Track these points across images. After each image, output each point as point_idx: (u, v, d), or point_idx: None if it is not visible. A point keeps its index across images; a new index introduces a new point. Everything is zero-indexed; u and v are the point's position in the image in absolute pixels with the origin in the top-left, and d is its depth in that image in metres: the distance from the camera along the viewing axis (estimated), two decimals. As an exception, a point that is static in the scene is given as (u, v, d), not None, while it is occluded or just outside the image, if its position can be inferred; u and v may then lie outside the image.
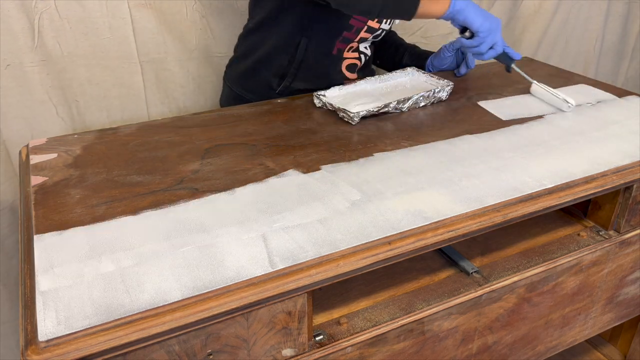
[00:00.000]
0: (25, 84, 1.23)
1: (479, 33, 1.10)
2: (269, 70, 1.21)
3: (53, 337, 0.57)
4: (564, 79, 1.31)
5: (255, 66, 1.22)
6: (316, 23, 1.16)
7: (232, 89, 1.28)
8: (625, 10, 1.97)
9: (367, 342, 0.80)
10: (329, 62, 1.23)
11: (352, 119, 1.05)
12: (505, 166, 0.91)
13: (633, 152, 0.96)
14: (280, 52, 1.19)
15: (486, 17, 1.09)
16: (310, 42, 1.17)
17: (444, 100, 1.18)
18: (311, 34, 1.17)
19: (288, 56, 1.19)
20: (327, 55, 1.21)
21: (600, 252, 0.99)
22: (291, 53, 1.18)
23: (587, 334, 1.11)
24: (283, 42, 1.18)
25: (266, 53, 1.20)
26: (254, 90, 1.24)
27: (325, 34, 1.18)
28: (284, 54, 1.19)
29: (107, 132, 1.02)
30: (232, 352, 0.68)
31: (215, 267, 0.67)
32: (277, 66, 1.21)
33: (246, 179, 0.86)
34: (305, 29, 1.16)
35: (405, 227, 0.75)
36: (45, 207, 0.78)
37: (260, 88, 1.23)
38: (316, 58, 1.20)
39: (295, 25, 1.16)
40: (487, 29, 1.09)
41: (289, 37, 1.18)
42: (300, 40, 1.17)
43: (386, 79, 1.23)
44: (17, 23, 1.17)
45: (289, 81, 1.21)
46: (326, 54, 1.21)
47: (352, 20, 1.17)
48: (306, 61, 1.19)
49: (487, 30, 1.09)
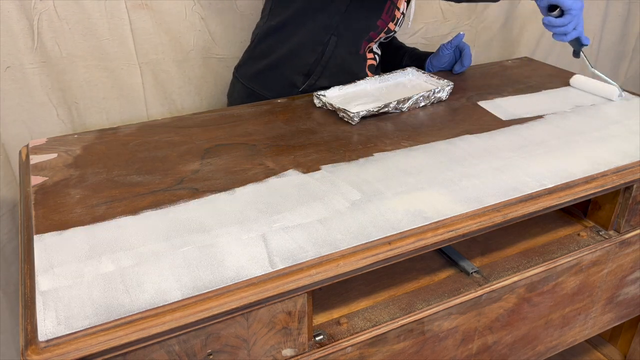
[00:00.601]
0: (25, 86, 1.23)
1: (571, 11, 1.07)
2: (292, 68, 1.21)
3: (53, 337, 0.57)
4: (563, 79, 1.31)
5: (277, 63, 1.21)
6: (346, 22, 1.16)
7: (247, 87, 1.26)
8: (625, 11, 1.97)
9: (367, 342, 0.80)
10: (355, 61, 1.23)
11: (352, 119, 1.05)
12: (505, 166, 0.91)
13: (633, 152, 0.96)
14: (307, 50, 1.19)
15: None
16: (339, 41, 1.18)
17: (444, 100, 1.18)
18: (341, 33, 1.17)
19: (315, 54, 1.19)
20: (354, 54, 1.22)
21: (600, 252, 0.99)
22: (319, 51, 1.18)
23: (587, 334, 1.11)
24: (311, 40, 1.18)
25: (290, 51, 1.19)
26: (273, 88, 1.23)
27: (354, 33, 1.18)
28: (310, 52, 1.19)
29: (107, 132, 1.02)
30: (232, 352, 0.68)
31: (215, 267, 0.67)
32: (302, 64, 1.20)
33: (246, 179, 0.86)
34: (334, 27, 1.16)
35: (405, 227, 0.75)
36: (45, 207, 0.78)
37: (281, 86, 1.22)
38: (343, 57, 1.20)
39: (324, 24, 1.16)
40: (579, 7, 1.07)
41: (317, 35, 1.17)
42: (330, 39, 1.17)
43: (386, 79, 1.23)
44: (16, 24, 1.17)
45: (315, 79, 1.21)
46: (353, 53, 1.21)
47: (379, 20, 1.18)
48: (334, 60, 1.19)
49: (579, 9, 1.07)
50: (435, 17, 1.67)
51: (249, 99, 1.23)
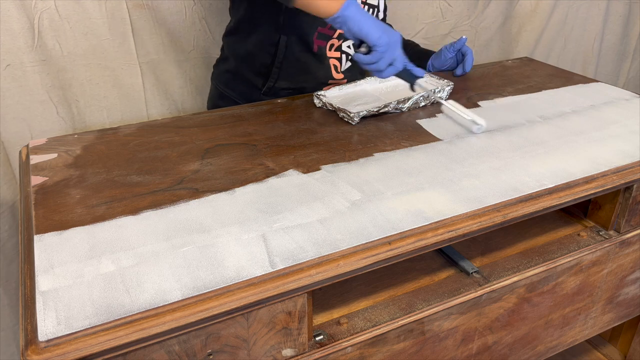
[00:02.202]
0: (25, 84, 1.23)
1: (376, 47, 0.97)
2: (251, 70, 1.20)
3: (53, 337, 0.57)
4: (563, 79, 1.31)
5: (238, 66, 1.21)
6: (291, 19, 1.14)
7: (217, 88, 1.27)
8: (626, 11, 1.97)
9: (367, 342, 0.80)
10: (311, 60, 1.21)
11: (352, 119, 1.05)
12: (505, 166, 0.91)
13: (633, 152, 0.96)
14: (261, 51, 1.18)
15: (384, 29, 0.97)
16: (289, 40, 1.16)
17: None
18: (289, 31, 1.15)
19: (270, 55, 1.17)
20: (308, 53, 1.19)
21: (600, 252, 0.99)
22: (272, 52, 1.17)
23: (587, 334, 1.11)
24: (262, 41, 1.17)
25: (247, 52, 1.19)
26: (238, 90, 1.23)
27: (301, 31, 1.16)
28: (265, 53, 1.18)
29: (107, 132, 1.02)
30: (232, 352, 0.68)
31: (215, 267, 0.67)
32: (260, 65, 1.19)
33: (246, 179, 0.86)
34: (282, 26, 1.14)
35: (405, 227, 0.75)
36: (45, 207, 0.78)
37: (245, 88, 1.22)
38: (297, 56, 1.18)
39: (271, 24, 1.15)
40: (385, 43, 0.97)
41: (267, 35, 1.16)
42: (279, 38, 1.15)
43: (386, 80, 1.23)
44: (17, 23, 1.18)
45: (273, 81, 1.19)
46: (307, 52, 1.19)
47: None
48: (288, 60, 1.18)
49: (385, 45, 0.97)
50: (435, 17, 1.67)
51: (221, 101, 1.23)
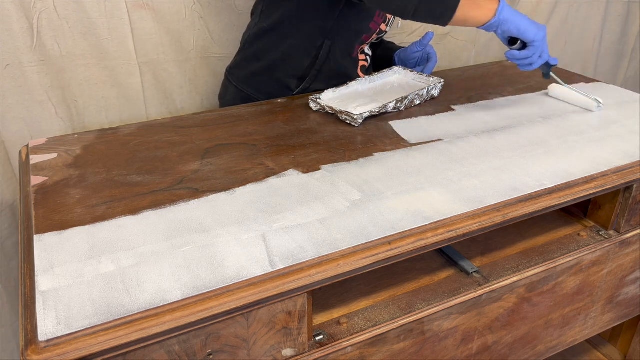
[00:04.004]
0: (24, 84, 1.23)
1: (534, 43, 1.03)
2: (286, 71, 1.19)
3: (53, 337, 0.57)
4: (563, 79, 1.31)
5: (270, 67, 1.19)
6: (339, 25, 1.14)
7: (240, 89, 1.24)
8: (625, 11, 1.97)
9: (367, 342, 0.79)
10: (349, 64, 1.22)
11: (356, 120, 1.04)
12: (505, 166, 0.91)
13: (633, 152, 0.96)
14: (301, 53, 1.17)
15: (537, 26, 1.03)
16: (333, 45, 1.16)
17: (436, 97, 1.20)
18: (334, 37, 1.15)
19: (309, 58, 1.17)
20: (348, 57, 1.21)
21: (600, 252, 0.99)
22: (313, 55, 1.17)
23: (587, 334, 1.11)
24: (304, 44, 1.16)
25: (284, 54, 1.17)
26: (266, 91, 1.21)
27: (347, 37, 1.17)
28: (304, 56, 1.17)
29: (107, 132, 1.02)
30: (232, 352, 0.68)
31: (215, 267, 0.67)
32: (296, 67, 1.18)
33: (246, 179, 0.86)
34: (328, 31, 1.14)
35: (405, 227, 0.75)
36: (45, 207, 0.78)
37: (275, 89, 1.21)
38: (338, 60, 1.19)
39: (317, 27, 1.14)
40: (541, 38, 1.03)
41: (310, 38, 1.15)
42: (323, 42, 1.15)
43: (375, 79, 1.25)
44: (16, 23, 1.17)
45: (309, 83, 1.19)
46: (347, 57, 1.20)
47: (372, 23, 1.16)
48: (328, 63, 1.18)
49: (541, 40, 1.03)
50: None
51: (242, 102, 1.22)
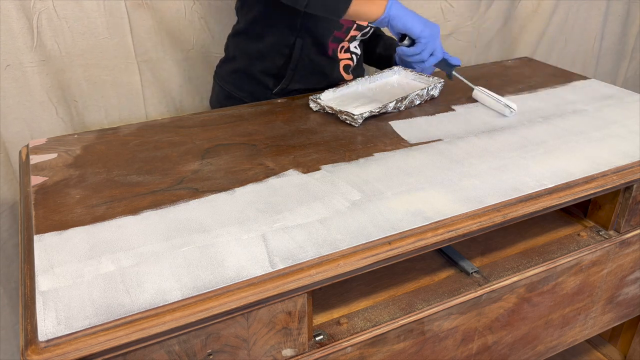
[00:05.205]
0: (25, 85, 1.23)
1: (420, 39, 1.07)
2: (263, 70, 1.20)
3: (53, 337, 0.57)
4: (563, 79, 1.31)
5: (248, 66, 1.21)
6: (308, 23, 1.14)
7: (223, 88, 1.26)
8: (625, 11, 1.97)
9: (367, 342, 0.79)
10: (325, 63, 1.22)
11: (356, 120, 1.04)
12: (505, 166, 0.91)
13: (633, 152, 0.96)
14: (275, 52, 1.18)
15: (425, 23, 1.06)
16: (305, 43, 1.16)
17: (436, 97, 1.20)
18: (304, 35, 1.15)
19: (283, 57, 1.18)
20: (323, 55, 1.20)
21: (600, 252, 0.99)
22: (286, 54, 1.17)
23: (587, 334, 1.11)
24: (277, 43, 1.17)
25: (259, 53, 1.19)
26: (247, 90, 1.22)
27: (317, 34, 1.17)
28: (278, 54, 1.18)
29: (107, 132, 1.02)
30: (232, 352, 0.68)
31: (215, 267, 0.67)
32: (272, 66, 1.19)
33: (246, 179, 0.86)
34: (298, 29, 1.15)
35: (405, 227, 0.75)
36: (45, 207, 0.78)
37: (255, 87, 1.21)
38: (312, 59, 1.19)
39: (287, 26, 1.15)
40: (428, 34, 1.06)
41: (282, 37, 1.16)
42: (295, 41, 1.16)
43: (375, 79, 1.24)
44: (16, 23, 1.17)
45: (287, 82, 1.20)
46: (321, 55, 1.20)
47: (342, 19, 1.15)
48: (302, 62, 1.18)
49: (428, 36, 1.06)
50: (436, 17, 1.67)
51: (227, 101, 1.23)
